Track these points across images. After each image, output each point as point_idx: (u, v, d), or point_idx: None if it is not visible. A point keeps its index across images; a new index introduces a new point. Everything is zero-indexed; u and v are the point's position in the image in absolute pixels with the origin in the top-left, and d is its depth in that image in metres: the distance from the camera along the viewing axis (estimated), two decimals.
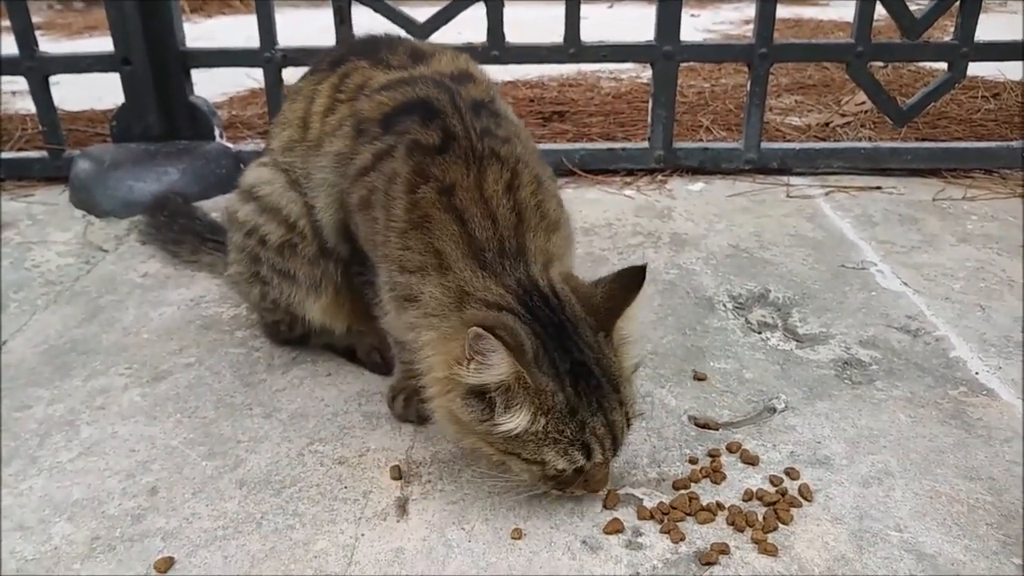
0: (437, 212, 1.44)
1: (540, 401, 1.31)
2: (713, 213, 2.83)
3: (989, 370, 1.91)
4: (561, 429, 1.34)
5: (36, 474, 1.61)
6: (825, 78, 4.45)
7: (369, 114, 1.61)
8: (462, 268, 1.41)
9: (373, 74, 1.70)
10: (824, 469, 1.59)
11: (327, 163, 1.67)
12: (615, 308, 1.41)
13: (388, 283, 1.51)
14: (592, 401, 1.35)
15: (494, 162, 1.51)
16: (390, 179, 1.51)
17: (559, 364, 1.34)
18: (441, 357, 1.37)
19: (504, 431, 1.32)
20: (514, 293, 1.38)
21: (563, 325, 1.37)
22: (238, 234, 1.89)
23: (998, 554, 1.39)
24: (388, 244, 1.48)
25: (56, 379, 1.91)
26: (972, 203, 2.89)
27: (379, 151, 1.55)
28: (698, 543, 1.42)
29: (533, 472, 1.40)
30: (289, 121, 1.82)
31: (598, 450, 1.37)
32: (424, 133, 1.52)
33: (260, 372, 1.94)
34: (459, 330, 1.34)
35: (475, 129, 1.55)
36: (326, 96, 1.74)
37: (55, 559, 1.41)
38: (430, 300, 1.42)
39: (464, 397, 1.34)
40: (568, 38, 2.97)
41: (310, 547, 1.42)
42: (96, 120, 3.79)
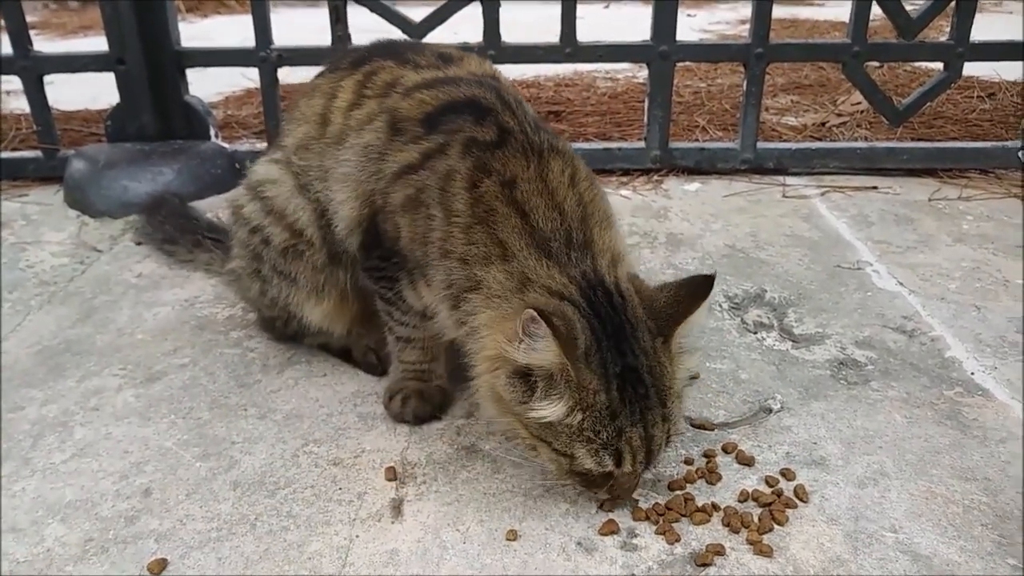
0: (500, 205, 1.45)
1: (580, 397, 1.30)
2: (709, 213, 2.83)
3: (984, 370, 1.91)
4: (597, 430, 1.32)
5: (29, 475, 1.60)
6: (821, 78, 4.45)
7: (408, 112, 1.60)
8: (526, 256, 1.41)
9: (403, 72, 1.70)
10: (820, 470, 1.59)
11: (352, 157, 1.65)
12: (677, 315, 1.39)
13: (444, 280, 1.49)
14: (636, 410, 1.33)
15: (555, 155, 1.52)
16: (446, 177, 1.50)
17: (610, 365, 1.32)
18: (495, 336, 1.37)
19: (538, 416, 1.32)
20: (577, 285, 1.38)
21: (622, 326, 1.35)
22: (243, 230, 1.88)
23: (993, 555, 1.39)
24: (450, 240, 1.47)
25: (50, 380, 1.90)
26: (968, 203, 2.89)
27: (427, 150, 1.54)
28: (693, 544, 1.42)
29: (560, 463, 1.39)
30: (306, 117, 1.81)
31: (629, 460, 1.35)
32: (479, 130, 1.52)
33: (255, 373, 1.93)
34: (518, 311, 1.33)
35: (530, 123, 1.56)
36: (350, 92, 1.73)
37: (48, 561, 1.40)
38: (492, 283, 1.41)
39: (509, 376, 1.34)
40: (564, 38, 2.97)
41: (304, 548, 1.42)
42: (91, 120, 3.78)
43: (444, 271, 1.49)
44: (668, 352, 1.39)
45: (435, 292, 1.54)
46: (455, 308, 1.49)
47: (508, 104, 1.59)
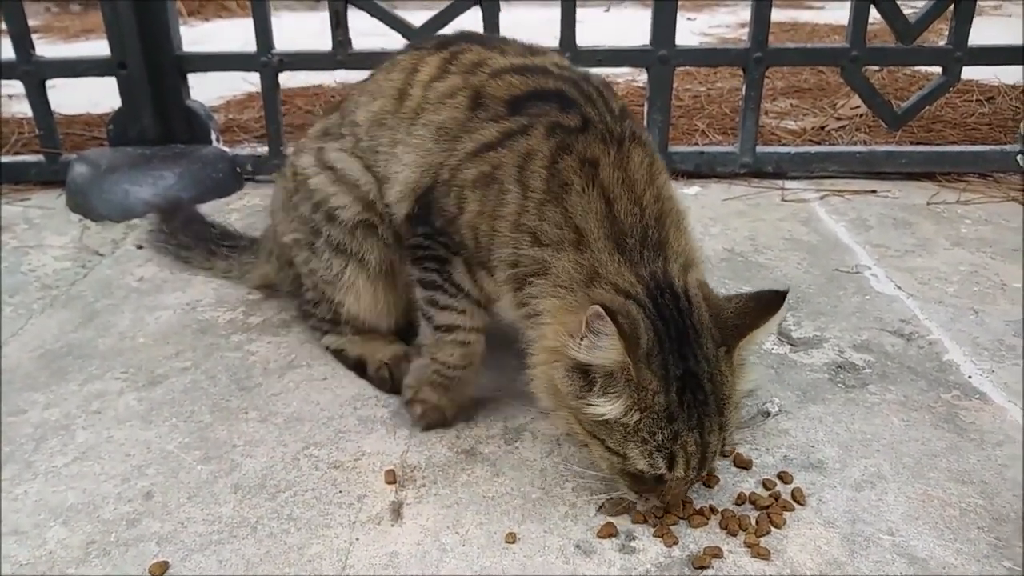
0: (579, 182, 1.45)
1: (639, 397, 1.30)
2: (708, 217, 2.84)
3: (982, 374, 1.91)
4: (653, 431, 1.32)
5: (31, 478, 1.61)
6: (820, 82, 4.46)
7: (495, 92, 1.61)
8: (599, 249, 1.41)
9: (490, 55, 1.71)
10: (817, 473, 1.60)
11: (426, 132, 1.66)
12: (744, 326, 1.38)
13: (511, 259, 1.49)
14: (693, 415, 1.32)
15: (636, 144, 1.52)
16: (527, 155, 1.51)
17: (671, 368, 1.32)
18: (556, 326, 1.37)
19: (595, 413, 1.32)
20: (645, 285, 1.37)
21: (687, 330, 1.34)
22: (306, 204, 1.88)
23: (989, 557, 1.40)
24: (525, 214, 1.48)
25: (52, 383, 1.91)
26: (966, 207, 2.90)
27: (508, 130, 1.56)
28: (691, 547, 1.43)
29: (612, 462, 1.39)
30: (383, 91, 1.80)
31: (682, 465, 1.34)
32: (564, 117, 1.54)
33: (256, 376, 1.94)
34: (583, 305, 1.34)
35: (612, 112, 1.58)
36: (434, 67, 1.73)
37: (50, 563, 1.41)
38: (560, 272, 1.42)
39: (568, 369, 1.34)
40: (564, 42, 2.98)
41: (305, 551, 1.43)
42: (92, 124, 3.79)
43: (512, 245, 1.49)
44: (730, 362, 1.38)
45: (499, 275, 1.54)
46: (518, 290, 1.50)
47: (591, 98, 1.60)
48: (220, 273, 2.39)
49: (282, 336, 2.11)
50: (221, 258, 2.37)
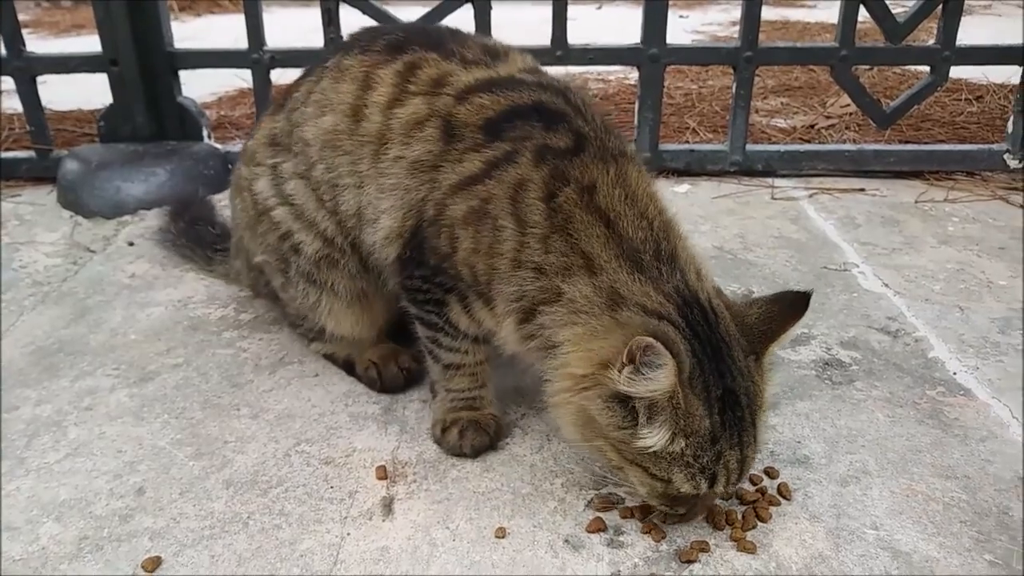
0: (581, 212, 1.38)
1: (685, 424, 1.26)
2: (698, 215, 2.86)
3: (967, 370, 1.94)
4: (698, 455, 1.28)
5: (23, 475, 1.61)
6: (811, 80, 4.49)
7: (467, 118, 1.51)
8: (615, 269, 1.35)
9: (451, 68, 1.59)
10: (803, 468, 1.62)
11: (400, 170, 1.55)
12: (771, 332, 1.36)
13: (515, 292, 1.42)
14: (734, 434, 1.30)
15: (629, 161, 1.46)
16: (518, 186, 1.42)
17: (712, 388, 1.28)
18: (583, 353, 1.31)
19: (644, 445, 1.27)
20: (674, 303, 1.32)
21: (719, 345, 1.31)
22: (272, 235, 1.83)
23: (971, 551, 1.42)
24: (525, 250, 1.40)
25: (44, 380, 1.92)
26: (954, 205, 2.93)
27: (492, 159, 1.46)
28: (679, 541, 1.44)
29: (654, 487, 1.34)
30: (332, 105, 1.67)
31: (723, 481, 1.32)
32: (552, 137, 1.45)
33: (247, 373, 1.95)
34: (611, 330, 1.30)
35: (601, 127, 1.50)
36: (390, 85, 1.60)
37: (43, 559, 1.42)
38: (578, 298, 1.35)
39: (607, 400, 1.29)
40: (555, 41, 3.00)
41: (296, 546, 1.44)
42: (84, 120, 3.79)
43: (516, 283, 1.42)
44: (760, 371, 1.36)
45: (499, 312, 1.46)
46: (525, 322, 1.42)
47: (578, 108, 1.52)
48: (219, 276, 2.35)
49: (273, 333, 2.11)
50: (219, 262, 2.33)
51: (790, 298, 1.41)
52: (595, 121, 1.52)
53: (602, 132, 1.50)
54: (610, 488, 1.55)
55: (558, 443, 1.68)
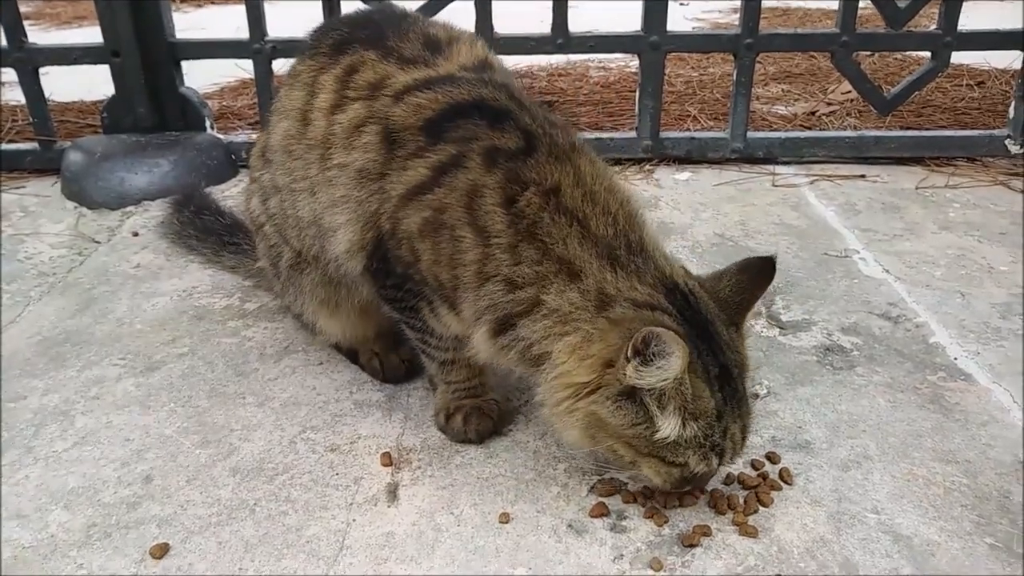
0: (549, 216, 1.35)
1: (695, 407, 1.29)
2: (699, 202, 2.87)
3: (967, 355, 1.95)
4: (708, 434, 1.31)
5: (32, 463, 1.63)
6: (812, 66, 4.48)
7: (405, 121, 1.46)
8: (598, 269, 1.33)
9: (389, 70, 1.55)
10: (804, 453, 1.63)
11: (345, 179, 1.52)
12: (744, 302, 1.38)
13: (485, 305, 1.39)
14: (734, 406, 1.34)
15: (579, 153, 1.44)
16: (471, 193, 1.38)
17: (710, 368, 1.31)
18: (584, 360, 1.31)
19: (663, 436, 1.29)
20: (660, 292, 1.33)
21: (705, 325, 1.34)
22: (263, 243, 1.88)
23: (972, 535, 1.43)
24: (490, 262, 1.37)
25: (51, 370, 1.93)
26: (954, 191, 2.93)
27: (438, 164, 1.41)
28: (681, 526, 1.46)
29: (671, 474, 1.36)
30: (286, 111, 1.69)
31: (730, 453, 1.36)
32: (499, 137, 1.41)
33: (252, 361, 1.97)
34: (606, 331, 1.29)
35: (547, 122, 1.45)
36: (331, 91, 1.59)
37: (52, 546, 1.44)
38: (564, 306, 1.33)
39: (615, 399, 1.29)
40: (556, 29, 3.00)
41: (302, 532, 1.46)
42: (86, 111, 3.79)
43: (485, 295, 1.39)
44: (742, 340, 1.40)
45: (467, 318, 1.44)
46: (499, 333, 1.40)
47: (522, 104, 1.48)
48: (227, 268, 2.32)
49: (278, 322, 2.13)
50: (229, 254, 2.29)
51: (757, 265, 1.43)
52: (540, 116, 1.48)
53: (549, 127, 1.45)
54: (612, 473, 1.57)
55: None
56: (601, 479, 1.56)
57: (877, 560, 1.38)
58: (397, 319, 1.67)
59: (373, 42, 1.62)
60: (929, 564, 1.37)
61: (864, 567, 1.37)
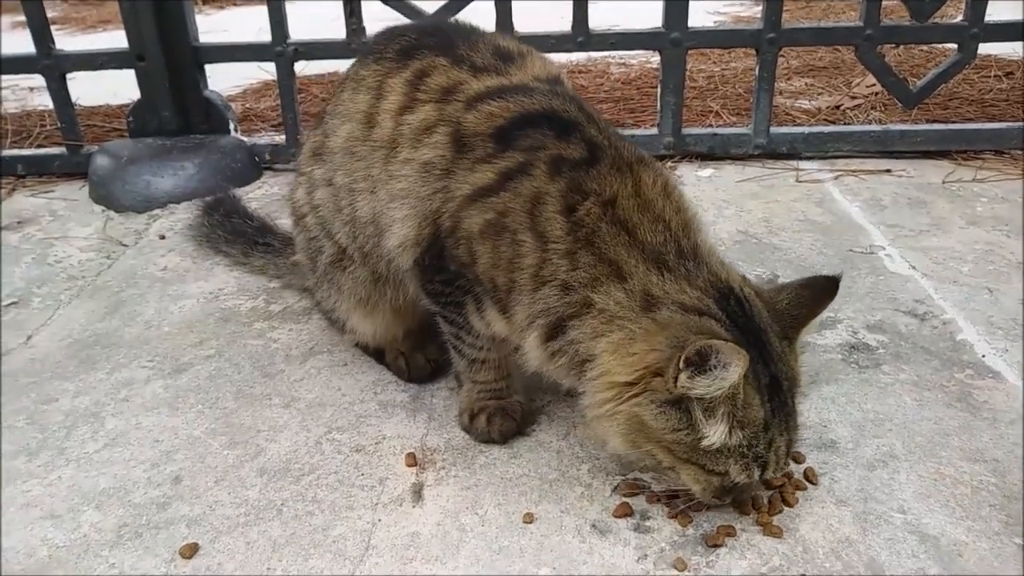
0: (604, 225, 1.37)
1: (743, 416, 1.28)
2: (722, 199, 2.85)
3: (995, 352, 1.93)
4: (752, 444, 1.31)
5: (64, 464, 1.66)
6: (836, 60, 4.43)
7: (476, 127, 1.49)
8: (644, 272, 1.34)
9: (462, 76, 1.58)
10: (830, 452, 1.62)
11: (410, 172, 1.55)
12: (802, 317, 1.38)
13: (539, 311, 1.40)
14: (781, 419, 1.33)
15: (644, 166, 1.45)
16: (535, 200, 1.41)
17: (761, 377, 1.30)
18: (625, 359, 1.31)
19: (705, 444, 1.28)
20: (711, 296, 1.33)
21: (759, 333, 1.32)
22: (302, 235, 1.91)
23: (1000, 535, 1.42)
24: (547, 266, 1.39)
25: (81, 372, 1.97)
26: (982, 185, 2.89)
27: (505, 170, 1.44)
28: (705, 526, 1.46)
29: (710, 483, 1.36)
30: (350, 114, 1.70)
31: (772, 467, 1.35)
32: (565, 147, 1.44)
33: (278, 363, 1.99)
34: (651, 332, 1.29)
35: (613, 135, 1.50)
36: (400, 93, 1.62)
37: (84, 546, 1.46)
38: (610, 306, 1.34)
39: (660, 405, 1.29)
40: (576, 26, 2.99)
41: (329, 532, 1.47)
42: (112, 115, 3.84)
43: (540, 298, 1.40)
44: (795, 354, 1.38)
45: (519, 322, 1.45)
46: (551, 338, 1.41)
47: (591, 116, 1.51)
48: (255, 270, 2.36)
49: (303, 323, 2.15)
50: (259, 255, 2.33)
51: (820, 283, 1.42)
52: (608, 130, 1.51)
53: (615, 140, 1.49)
54: (636, 473, 1.57)
55: (584, 429, 1.70)
56: (625, 479, 1.56)
57: (903, 560, 1.37)
58: (436, 312, 1.68)
59: (443, 49, 1.64)
60: (956, 564, 1.36)
61: (890, 567, 1.36)
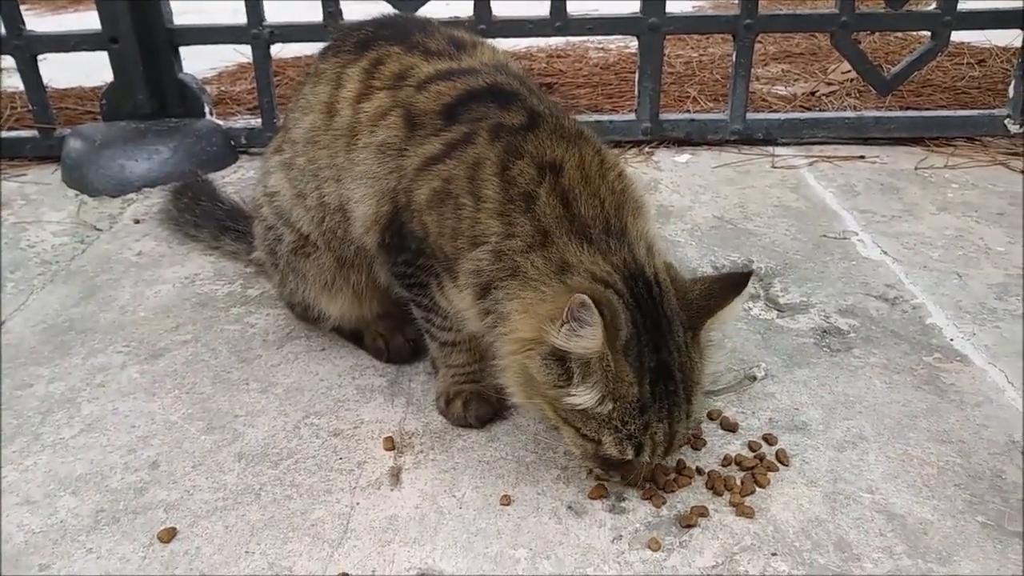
0: (536, 189, 1.41)
1: (615, 388, 1.31)
2: (699, 184, 2.87)
3: (964, 336, 1.96)
4: (625, 421, 1.33)
5: (40, 450, 1.66)
6: (812, 46, 4.46)
7: (426, 106, 1.56)
8: (566, 241, 1.38)
9: (414, 62, 1.64)
10: (801, 434, 1.66)
11: (369, 156, 1.60)
12: (709, 308, 1.40)
13: (473, 271, 1.45)
14: (664, 407, 1.35)
15: (584, 142, 1.49)
16: (475, 164, 1.46)
17: (645, 359, 1.33)
18: (531, 318, 1.35)
19: (572, 402, 1.32)
20: (620, 273, 1.36)
21: (660, 319, 1.35)
22: (260, 226, 1.94)
23: (964, 513, 1.46)
24: (478, 226, 1.44)
25: (56, 358, 1.96)
26: (953, 171, 2.94)
27: (451, 140, 1.50)
28: (679, 507, 1.48)
29: (585, 448, 1.40)
30: (311, 106, 1.76)
31: (648, 452, 1.37)
32: (506, 115, 1.49)
33: (256, 348, 1.99)
34: (559, 295, 1.33)
35: (558, 110, 1.54)
36: (357, 81, 1.67)
37: (61, 532, 1.46)
38: (530, 269, 1.39)
39: (545, 357, 1.33)
40: (554, 11, 2.99)
41: (307, 516, 1.48)
42: (85, 98, 3.79)
43: (473, 261, 1.45)
44: (697, 347, 1.40)
45: (461, 282, 1.50)
46: (481, 298, 1.46)
47: (533, 90, 1.57)
48: (227, 254, 2.37)
49: (280, 308, 2.14)
50: (230, 240, 2.34)
51: (733, 278, 1.44)
52: (550, 104, 1.56)
53: (558, 113, 1.53)
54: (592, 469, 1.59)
55: None
56: None
57: (871, 539, 1.41)
58: (407, 298, 1.71)
59: (399, 39, 1.71)
60: (922, 542, 1.40)
61: (858, 546, 1.39)
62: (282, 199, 1.83)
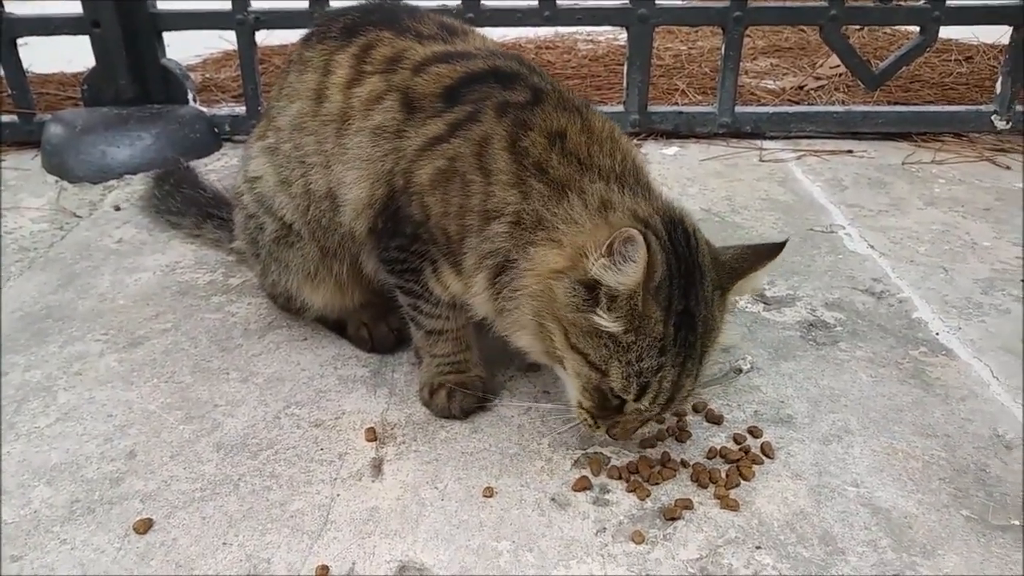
0: (551, 155, 1.42)
1: (640, 324, 1.30)
2: (687, 177, 2.86)
3: (949, 331, 1.96)
4: (640, 357, 1.32)
5: (14, 439, 1.63)
6: (801, 40, 4.45)
7: (425, 88, 1.54)
8: (604, 186, 1.39)
9: (407, 45, 1.63)
10: (786, 427, 1.65)
11: (363, 139, 1.58)
12: (741, 270, 1.41)
13: (489, 251, 1.44)
14: (679, 355, 1.34)
15: (590, 111, 1.51)
16: (482, 141, 1.46)
17: (674, 303, 1.32)
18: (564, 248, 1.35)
19: (598, 323, 1.30)
20: (661, 217, 1.37)
21: (693, 269, 1.35)
22: (240, 214, 1.91)
23: (948, 507, 1.45)
24: (492, 200, 1.43)
25: (32, 345, 1.92)
26: (940, 166, 2.94)
27: (455, 120, 1.49)
28: (663, 499, 1.47)
29: (590, 377, 1.37)
30: (299, 93, 1.72)
31: (649, 397, 1.36)
32: (511, 94, 1.49)
33: (236, 337, 1.96)
34: (599, 228, 1.33)
35: (559, 86, 1.55)
36: (347, 67, 1.65)
37: (35, 522, 1.43)
38: (561, 213, 1.37)
39: (575, 283, 1.32)
40: (543, 1, 2.96)
41: (287, 507, 1.46)
42: (66, 83, 3.73)
43: (488, 241, 1.44)
44: (723, 307, 1.40)
45: (468, 269, 1.48)
46: (496, 278, 1.44)
47: (533, 68, 1.58)
48: (211, 243, 2.34)
49: (262, 297, 2.11)
50: (211, 228, 2.32)
51: (767, 247, 1.45)
52: (551, 80, 1.57)
53: (560, 87, 1.55)
54: (596, 448, 1.58)
55: (545, 403, 1.70)
56: (585, 453, 1.57)
57: (856, 532, 1.40)
58: (393, 284, 1.68)
59: (388, 23, 1.70)
60: (906, 536, 1.39)
61: (843, 539, 1.38)
62: (264, 185, 1.80)
